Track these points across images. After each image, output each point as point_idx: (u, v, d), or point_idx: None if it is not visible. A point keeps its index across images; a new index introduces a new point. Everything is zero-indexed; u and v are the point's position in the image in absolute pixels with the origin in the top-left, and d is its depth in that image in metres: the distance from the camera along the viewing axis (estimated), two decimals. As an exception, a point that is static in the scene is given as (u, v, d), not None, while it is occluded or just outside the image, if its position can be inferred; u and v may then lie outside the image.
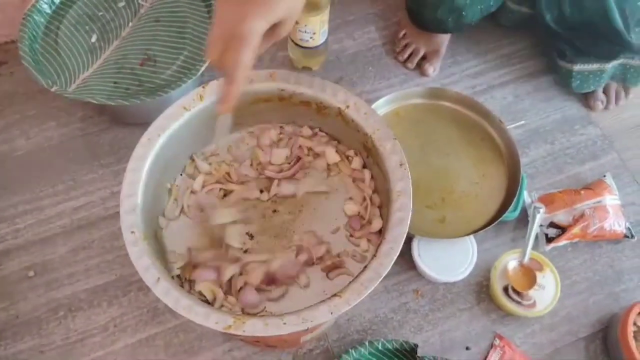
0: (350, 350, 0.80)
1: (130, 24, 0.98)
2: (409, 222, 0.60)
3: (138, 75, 0.92)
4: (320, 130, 0.73)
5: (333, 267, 0.65)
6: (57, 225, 0.92)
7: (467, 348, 0.85)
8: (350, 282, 0.58)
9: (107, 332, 0.84)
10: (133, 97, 0.87)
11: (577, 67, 1.02)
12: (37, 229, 0.92)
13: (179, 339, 0.84)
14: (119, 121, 1.00)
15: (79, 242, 0.91)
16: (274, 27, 0.54)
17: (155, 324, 0.85)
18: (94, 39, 0.96)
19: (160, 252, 0.64)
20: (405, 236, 0.59)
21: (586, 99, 1.06)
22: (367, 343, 0.80)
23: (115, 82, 0.91)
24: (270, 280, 0.64)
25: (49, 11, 0.96)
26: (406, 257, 0.87)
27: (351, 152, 0.71)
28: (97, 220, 0.92)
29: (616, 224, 0.90)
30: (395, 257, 0.58)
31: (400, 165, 0.63)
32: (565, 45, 1.02)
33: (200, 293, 0.63)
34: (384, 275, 0.57)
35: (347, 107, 0.66)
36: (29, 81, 0.96)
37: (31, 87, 1.02)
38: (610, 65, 1.01)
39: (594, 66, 1.01)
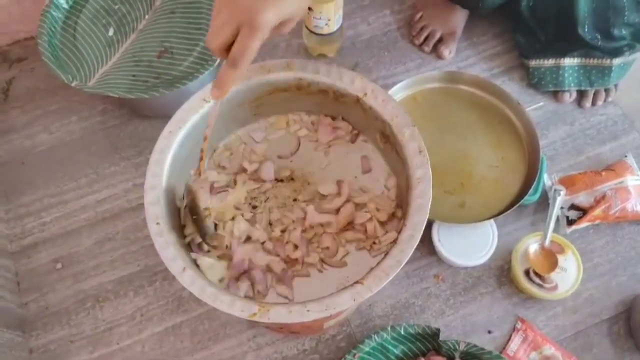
0: (372, 335, 0.80)
1: (147, 16, 0.98)
2: (429, 208, 0.60)
3: (155, 67, 0.93)
4: (343, 119, 0.73)
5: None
6: (82, 218, 0.94)
7: (489, 332, 0.85)
8: (371, 269, 0.58)
9: (134, 321, 0.86)
10: (152, 89, 0.88)
11: (533, 63, 1.02)
12: (63, 222, 0.94)
13: (204, 327, 0.86)
14: (139, 114, 1.01)
15: (104, 234, 0.92)
16: (279, 23, 0.55)
17: (181, 313, 0.87)
18: (111, 33, 0.97)
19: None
20: (425, 223, 0.60)
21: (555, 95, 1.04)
22: (389, 328, 0.81)
23: (133, 75, 0.92)
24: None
25: (66, 6, 0.97)
26: (426, 243, 0.87)
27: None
28: (120, 212, 0.94)
29: (638, 204, 0.89)
30: (416, 244, 0.58)
31: (420, 152, 0.63)
32: (525, 39, 1.03)
33: None
34: (404, 262, 0.57)
35: (365, 94, 0.66)
36: (49, 77, 0.97)
37: (51, 82, 1.04)
38: (568, 63, 0.99)
39: (550, 62, 1.00)
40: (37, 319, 0.87)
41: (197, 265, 0.63)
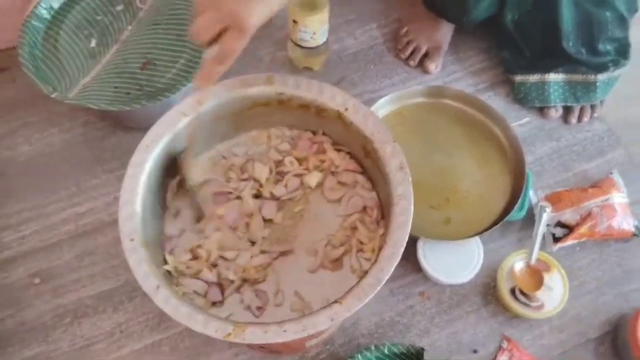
0: (356, 354, 0.79)
1: (129, 27, 0.97)
2: (410, 225, 0.59)
3: (138, 79, 0.92)
4: (324, 134, 0.72)
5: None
6: (62, 231, 0.92)
7: (475, 351, 0.84)
8: (351, 288, 0.57)
9: (112, 338, 0.84)
10: (134, 102, 0.87)
11: (518, 78, 1.02)
12: (42, 236, 0.92)
13: (185, 345, 0.84)
14: (122, 126, 1.00)
15: (84, 248, 0.90)
16: None
17: (161, 330, 0.85)
18: (93, 44, 0.96)
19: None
20: (406, 240, 0.59)
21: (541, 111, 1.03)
22: (373, 347, 0.79)
23: (115, 87, 0.91)
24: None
25: (47, 17, 0.96)
26: (411, 260, 0.86)
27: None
28: (101, 226, 0.92)
29: (624, 222, 0.88)
30: (397, 262, 0.57)
31: (401, 168, 0.62)
32: (510, 55, 1.03)
33: None
34: (384, 280, 0.56)
35: (346, 109, 0.66)
36: (30, 87, 0.95)
37: (33, 93, 1.01)
38: (552, 79, 0.99)
39: (535, 77, 1.00)
40: (13, 334, 0.85)
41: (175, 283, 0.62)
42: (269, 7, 0.57)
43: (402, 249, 0.58)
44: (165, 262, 0.65)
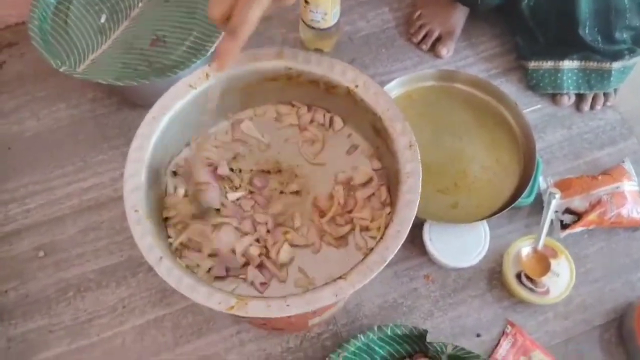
0: (359, 335, 0.79)
1: (140, 4, 0.97)
2: (417, 204, 0.58)
3: (148, 55, 0.91)
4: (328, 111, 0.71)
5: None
6: (67, 205, 0.92)
7: (478, 335, 0.83)
8: (355, 265, 0.57)
9: (115, 313, 0.84)
10: (142, 77, 0.86)
11: (532, 65, 1.00)
12: (47, 210, 0.92)
13: (187, 321, 0.84)
14: (129, 103, 1.00)
15: (89, 223, 0.91)
16: None
17: (164, 306, 0.85)
18: (103, 20, 0.95)
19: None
20: (413, 219, 0.58)
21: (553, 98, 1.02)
22: (376, 328, 0.79)
23: (124, 63, 0.91)
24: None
25: (58, -9, 0.96)
26: (417, 242, 0.86)
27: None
28: (106, 201, 0.92)
29: (634, 210, 0.87)
30: (403, 241, 0.57)
31: (410, 146, 0.61)
32: (524, 41, 1.02)
33: None
34: (389, 258, 0.56)
35: (357, 86, 0.65)
36: (39, 62, 0.96)
37: (41, 68, 1.02)
38: (566, 66, 0.98)
39: (548, 64, 0.98)
40: (16, 307, 0.85)
41: (178, 256, 0.62)
42: None
43: (409, 228, 0.58)
44: (169, 237, 0.64)
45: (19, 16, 1.08)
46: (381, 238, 0.58)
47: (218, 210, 0.64)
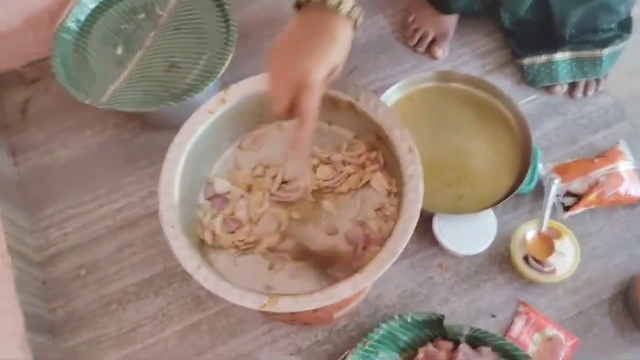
0: (381, 324, 0.85)
1: (152, 34, 1.03)
2: (421, 201, 0.65)
3: (163, 81, 0.98)
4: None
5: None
6: (102, 226, 0.99)
7: (493, 316, 0.89)
8: (370, 261, 0.63)
9: (156, 321, 0.91)
10: (162, 103, 0.93)
11: (526, 61, 1.05)
12: (84, 232, 0.99)
13: (222, 324, 0.91)
14: (149, 125, 1.06)
15: (123, 241, 0.98)
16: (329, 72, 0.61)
17: (199, 311, 0.92)
18: (119, 51, 1.02)
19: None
20: (418, 215, 0.64)
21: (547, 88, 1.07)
22: (397, 316, 0.85)
23: (143, 90, 0.97)
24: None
25: (76, 29, 1.03)
26: (429, 235, 0.91)
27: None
28: (138, 219, 0.99)
29: (632, 188, 0.92)
30: (410, 234, 0.63)
31: (410, 150, 0.67)
32: (515, 41, 1.07)
33: None
34: (400, 251, 0.62)
35: (357, 100, 0.71)
36: (62, 95, 1.02)
37: (65, 100, 1.08)
38: (560, 58, 1.02)
39: (542, 58, 1.03)
40: (65, 323, 0.92)
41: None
42: (329, 59, 0.59)
43: (415, 223, 0.64)
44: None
45: (40, 53, 1.14)
46: (390, 234, 0.65)
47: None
